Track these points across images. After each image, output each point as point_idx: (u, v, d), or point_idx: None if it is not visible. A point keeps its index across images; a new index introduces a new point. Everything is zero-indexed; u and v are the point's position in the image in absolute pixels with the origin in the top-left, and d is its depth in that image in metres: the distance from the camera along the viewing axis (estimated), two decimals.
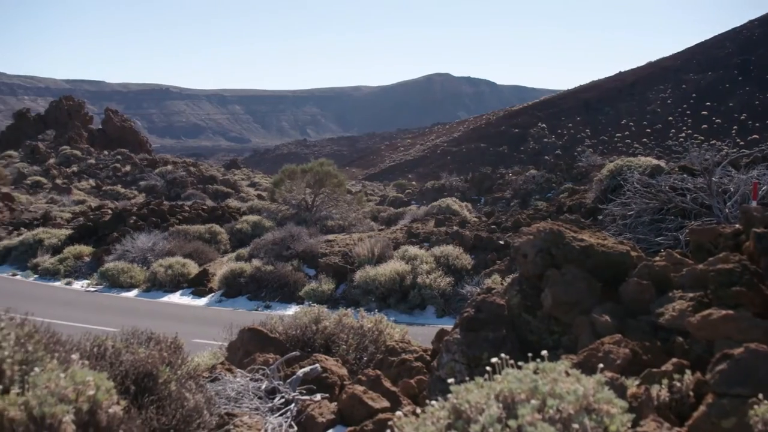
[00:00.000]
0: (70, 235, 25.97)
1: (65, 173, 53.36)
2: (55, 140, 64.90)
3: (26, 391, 3.13)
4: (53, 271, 22.71)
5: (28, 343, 3.48)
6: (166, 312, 16.77)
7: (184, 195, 46.68)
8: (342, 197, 28.88)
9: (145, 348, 4.16)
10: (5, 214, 31.79)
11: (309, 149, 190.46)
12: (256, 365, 5.14)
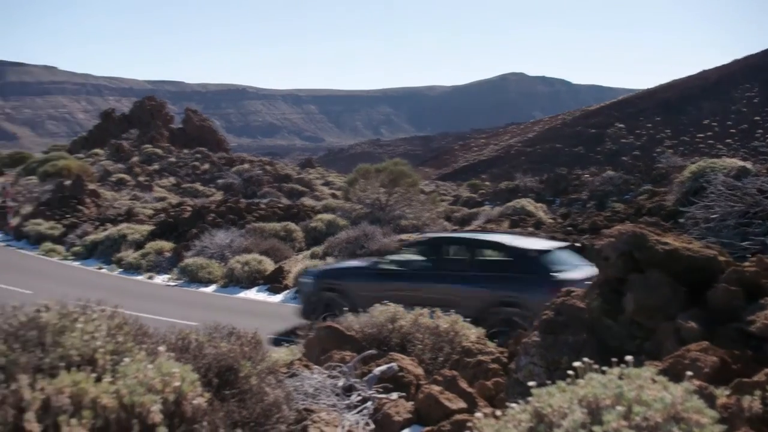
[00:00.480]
0: (152, 231, 26.79)
1: (147, 171, 55.07)
2: (138, 139, 67.06)
3: (117, 380, 3.25)
4: (136, 265, 23.48)
5: (118, 334, 3.62)
6: (242, 307, 17.13)
7: (260, 193, 47.55)
8: (415, 197, 28.88)
9: (226, 342, 4.26)
10: (92, 210, 33.07)
11: (382, 149, 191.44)
12: (333, 362, 5.21)
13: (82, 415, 2.96)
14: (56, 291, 12.28)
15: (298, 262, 21.28)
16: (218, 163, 60.14)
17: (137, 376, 3.31)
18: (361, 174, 28.62)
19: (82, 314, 3.66)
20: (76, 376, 3.13)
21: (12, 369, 3.16)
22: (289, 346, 7.96)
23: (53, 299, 3.75)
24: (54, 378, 3.13)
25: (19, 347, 3.33)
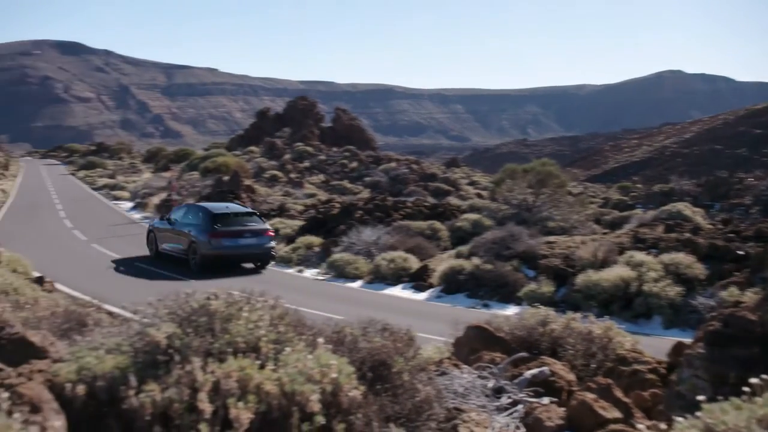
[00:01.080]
0: (302, 226, 27.74)
1: (298, 168, 57.13)
2: (290, 137, 69.69)
3: (279, 369, 3.40)
4: (287, 259, 24.39)
5: (279, 324, 3.78)
6: (387, 304, 17.37)
7: (405, 191, 48.13)
8: (563, 198, 28.19)
9: (380, 337, 4.34)
10: (247, 205, 34.74)
11: (529, 149, 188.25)
12: (483, 363, 5.19)
13: (248, 399, 3.12)
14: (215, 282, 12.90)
15: (443, 261, 21.34)
16: (366, 161, 61.45)
17: (297, 365, 3.44)
18: (508, 174, 28.31)
19: (247, 304, 3.85)
20: (242, 362, 3.30)
21: (186, 352, 3.37)
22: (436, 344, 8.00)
23: (220, 289, 3.97)
24: (222, 362, 3.31)
25: (192, 332, 3.56)
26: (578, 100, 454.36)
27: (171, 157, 67.47)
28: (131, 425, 3.12)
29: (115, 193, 49.31)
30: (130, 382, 3.15)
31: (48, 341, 3.81)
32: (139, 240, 29.03)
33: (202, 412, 3.00)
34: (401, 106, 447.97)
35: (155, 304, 3.93)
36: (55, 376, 3.36)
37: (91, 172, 66.38)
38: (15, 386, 2.93)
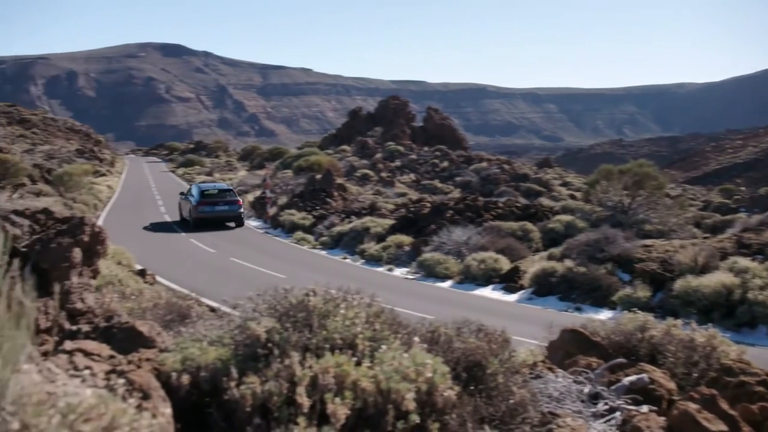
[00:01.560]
0: (393, 225, 27.89)
1: (389, 167, 57.46)
2: (382, 136, 70.14)
3: (375, 366, 3.42)
4: (377, 257, 24.59)
5: (375, 322, 3.81)
6: (477, 305, 17.26)
7: (496, 192, 47.72)
8: (661, 201, 27.27)
9: (475, 338, 4.32)
10: (339, 203, 35.19)
11: (625, 149, 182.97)
12: (579, 368, 5.08)
13: (344, 395, 3.16)
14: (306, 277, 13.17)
15: (535, 262, 21.04)
16: (457, 161, 61.20)
17: (393, 363, 3.45)
18: (603, 175, 27.61)
19: (344, 301, 3.90)
20: (339, 358, 3.34)
21: (284, 346, 3.44)
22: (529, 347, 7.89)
23: (317, 286, 4.04)
24: (320, 358, 3.36)
25: (290, 327, 3.63)
26: (678, 98, 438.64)
27: (265, 155, 69.16)
28: (232, 415, 3.21)
29: None
30: (231, 374, 3.24)
31: (155, 331, 3.98)
32: (234, 235, 29.88)
33: (300, 406, 3.06)
34: (493, 106, 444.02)
35: (255, 299, 4.04)
36: (162, 365, 3.50)
37: (190, 169, 68.74)
38: (126, 373, 3.07)
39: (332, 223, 30.47)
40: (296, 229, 31.14)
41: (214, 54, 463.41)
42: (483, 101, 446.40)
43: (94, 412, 2.04)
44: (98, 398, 2.09)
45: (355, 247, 26.58)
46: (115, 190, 48.09)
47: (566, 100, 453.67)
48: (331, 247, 28.07)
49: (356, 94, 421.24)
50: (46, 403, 2.00)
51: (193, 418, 3.31)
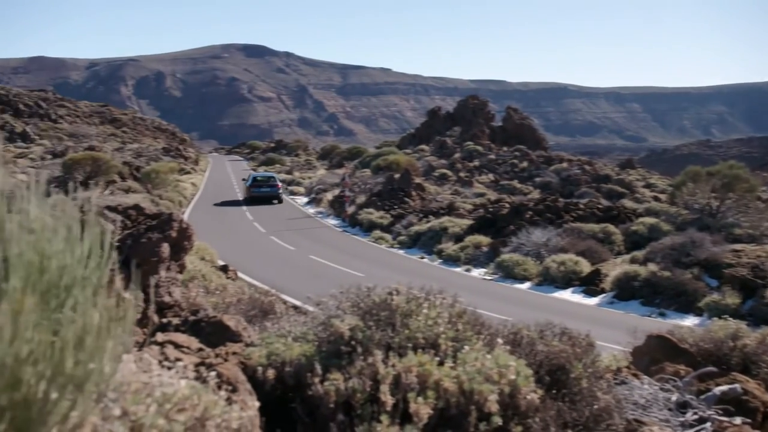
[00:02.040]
0: (471, 225, 27.71)
1: (468, 167, 57.12)
2: (460, 136, 69.80)
3: (457, 366, 3.41)
4: (455, 257, 24.49)
5: (458, 322, 3.79)
6: (556, 307, 16.98)
7: (577, 193, 46.81)
8: (752, 204, 26.17)
9: (558, 341, 4.25)
10: (417, 203, 35.21)
11: (713, 150, 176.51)
12: (665, 375, 4.93)
13: (427, 394, 3.16)
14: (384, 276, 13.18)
15: (617, 265, 20.56)
16: (536, 161, 60.34)
17: (476, 364, 3.43)
18: (690, 177, 26.71)
19: (426, 300, 3.90)
20: (422, 357, 3.35)
21: (367, 344, 3.47)
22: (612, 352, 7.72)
23: (400, 285, 4.05)
24: (403, 357, 3.37)
25: (373, 325, 3.65)
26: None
27: (344, 154, 69.81)
28: (316, 411, 3.26)
29: (291, 188, 51.76)
30: (315, 370, 3.29)
31: (241, 326, 4.07)
32: (313, 234, 30.30)
33: (383, 404, 3.07)
34: (574, 105, 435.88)
35: (338, 297, 4.08)
36: (248, 359, 3.57)
37: (270, 168, 70.02)
38: (214, 366, 3.16)
39: (410, 223, 30.51)
40: (374, 228, 31.32)
41: (295, 54, 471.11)
42: (564, 101, 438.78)
43: (187, 402, 2.10)
44: (191, 389, 2.15)
45: (432, 247, 26.54)
46: (199, 188, 49.45)
47: (651, 99, 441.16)
48: (408, 247, 28.11)
49: (435, 93, 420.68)
50: (142, 392, 2.08)
51: (278, 413, 3.36)
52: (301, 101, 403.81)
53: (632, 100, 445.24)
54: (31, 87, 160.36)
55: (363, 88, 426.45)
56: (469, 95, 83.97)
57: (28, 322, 1.45)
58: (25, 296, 1.46)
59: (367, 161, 56.50)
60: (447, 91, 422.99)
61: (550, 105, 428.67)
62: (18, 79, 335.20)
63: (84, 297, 1.62)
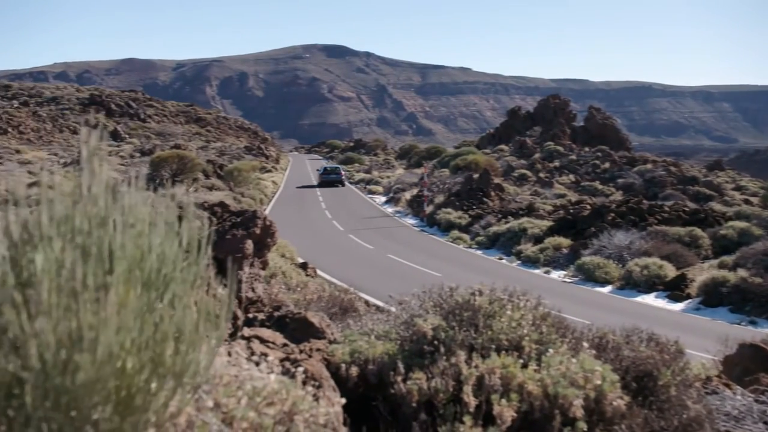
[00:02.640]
0: (551, 227, 27.27)
1: (548, 167, 56.24)
2: (540, 136, 68.80)
3: (541, 370, 3.36)
4: (534, 259, 24.15)
5: (542, 325, 3.73)
6: (639, 312, 16.51)
7: (661, 195, 45.45)
8: None
9: (645, 347, 4.13)
10: (496, 203, 34.90)
11: None
12: (761, 386, 4.72)
13: (511, 397, 3.12)
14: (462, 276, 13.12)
15: (704, 270, 19.86)
16: (619, 162, 58.88)
17: (560, 368, 3.37)
18: None
19: (509, 302, 3.86)
20: (505, 359, 3.31)
21: (450, 344, 3.46)
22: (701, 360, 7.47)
23: (484, 285, 4.01)
24: (486, 358, 3.34)
25: (456, 325, 3.63)
26: None
27: (423, 154, 69.82)
28: (398, 410, 3.27)
29: (370, 187, 52.14)
30: (398, 369, 3.29)
31: (325, 323, 4.11)
32: (391, 233, 30.43)
33: (466, 405, 3.05)
34: (659, 105, 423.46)
35: (421, 296, 4.08)
36: (331, 356, 3.61)
37: (349, 167, 70.72)
38: (299, 361, 3.20)
39: (488, 223, 30.27)
40: (452, 228, 31.21)
41: (375, 54, 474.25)
42: (648, 100, 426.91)
43: (276, 396, 2.13)
44: (280, 384, 2.19)
45: (511, 248, 26.26)
46: (279, 186, 50.37)
47: (742, 97, 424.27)
48: (486, 247, 27.89)
49: (515, 93, 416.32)
50: (233, 384, 2.12)
51: (360, 410, 3.39)
52: (380, 101, 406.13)
53: (722, 98, 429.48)
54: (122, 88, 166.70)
55: (442, 88, 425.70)
56: (550, 95, 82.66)
57: (131, 313, 1.51)
58: (128, 288, 1.52)
59: (445, 161, 56.39)
60: (527, 90, 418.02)
61: (633, 104, 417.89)
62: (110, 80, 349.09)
63: (182, 290, 1.67)
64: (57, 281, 1.41)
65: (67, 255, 1.44)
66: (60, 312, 1.38)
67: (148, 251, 1.61)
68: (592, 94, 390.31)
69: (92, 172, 1.54)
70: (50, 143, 75.37)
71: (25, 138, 75.21)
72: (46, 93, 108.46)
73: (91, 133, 1.55)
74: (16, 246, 1.46)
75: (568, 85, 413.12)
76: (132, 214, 1.59)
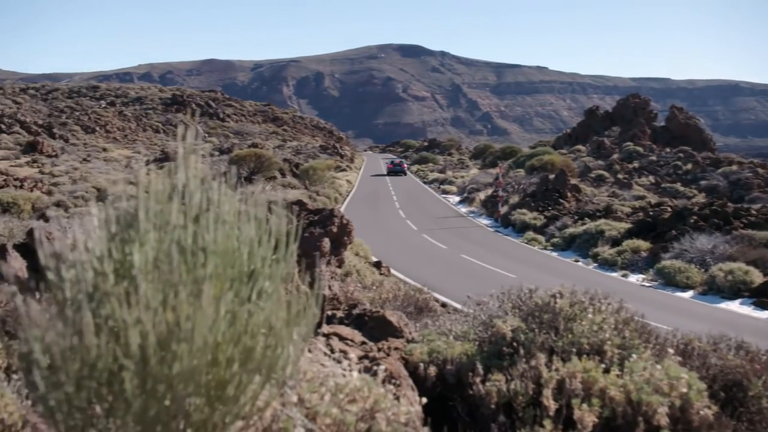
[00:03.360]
0: (629, 229, 26.60)
1: (627, 168, 54.93)
2: (619, 136, 67.25)
3: (624, 375, 3.27)
4: (611, 261, 23.61)
5: (625, 329, 3.64)
6: (722, 319, 15.92)
7: (748, 197, 43.80)
8: None
9: (734, 356, 3.98)
10: (572, 204, 34.28)
11: None
12: None
13: (592, 402, 3.05)
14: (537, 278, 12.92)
15: None
16: (702, 163, 57.00)
17: (644, 374, 3.28)
18: None
19: (590, 305, 3.78)
20: (586, 363, 3.24)
21: (530, 346, 3.41)
22: None
23: (563, 287, 3.94)
24: (566, 362, 3.28)
25: (536, 327, 3.58)
26: None
27: (497, 154, 69.26)
28: (476, 411, 3.24)
29: (444, 187, 52.02)
30: (477, 370, 3.26)
31: (403, 322, 4.12)
32: (464, 233, 30.29)
33: (546, 409, 3.01)
34: (746, 104, 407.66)
35: (500, 297, 4.04)
36: (409, 355, 3.61)
37: (423, 166, 70.71)
38: (377, 360, 3.21)
39: (564, 224, 29.76)
40: (527, 229, 30.83)
41: (451, 53, 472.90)
42: (734, 99, 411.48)
43: (358, 394, 2.15)
44: (362, 381, 2.20)
45: (587, 250, 25.74)
46: (354, 185, 50.75)
47: None
48: (562, 249, 27.44)
49: (593, 92, 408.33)
50: (316, 380, 2.15)
51: (438, 410, 3.38)
52: (455, 100, 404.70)
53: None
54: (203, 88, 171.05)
55: (518, 87, 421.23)
56: (629, 94, 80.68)
57: (223, 307, 1.54)
58: (220, 282, 1.55)
59: (521, 161, 55.75)
60: (606, 89, 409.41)
61: (718, 103, 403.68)
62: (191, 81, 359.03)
63: (271, 286, 1.70)
64: (154, 274, 1.46)
65: (163, 249, 1.49)
66: (158, 303, 1.42)
67: (238, 246, 1.64)
68: (674, 93, 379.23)
69: (188, 169, 1.58)
70: (134, 142, 78.10)
71: (111, 137, 78.16)
72: (131, 93, 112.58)
73: (187, 131, 1.60)
74: (115, 240, 1.52)
75: (648, 84, 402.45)
76: (223, 210, 1.63)
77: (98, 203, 1.62)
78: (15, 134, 63.36)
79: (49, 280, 1.46)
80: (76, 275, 1.45)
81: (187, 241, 1.52)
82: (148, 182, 1.54)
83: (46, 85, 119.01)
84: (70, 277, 1.44)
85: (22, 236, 9.17)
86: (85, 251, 1.47)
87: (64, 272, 1.44)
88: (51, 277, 1.46)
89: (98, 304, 1.43)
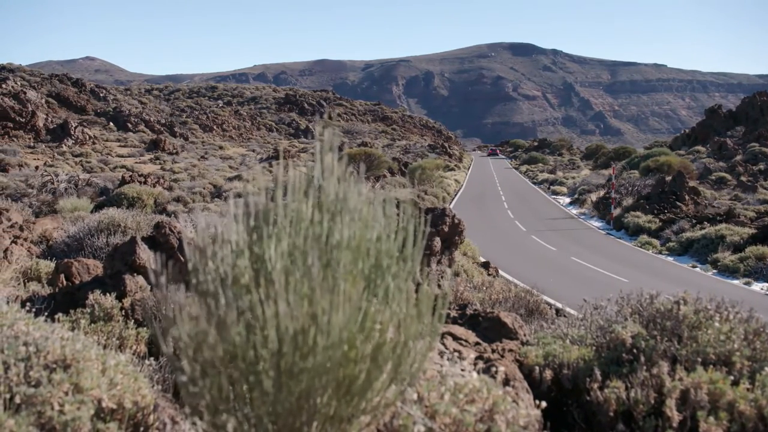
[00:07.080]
0: (753, 235, 25.23)
1: (751, 171, 52.11)
2: (743, 137, 63.89)
3: (755, 389, 3.11)
4: (732, 268, 22.48)
5: (756, 340, 3.46)
6: None
7: None
8: None
9: None
10: (690, 208, 32.86)
11: None
12: None
13: (719, 415, 2.91)
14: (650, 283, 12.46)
15: None
16: None
17: None
18: None
19: (717, 313, 3.61)
20: (713, 374, 3.09)
21: (651, 354, 3.29)
22: None
23: (688, 294, 3.78)
24: (690, 372, 3.15)
25: (657, 334, 3.46)
26: None
27: (610, 154, 67.22)
28: (593, 418, 3.16)
29: (554, 188, 51.02)
30: (595, 375, 3.18)
31: (517, 324, 4.07)
32: (574, 235, 29.60)
33: (669, 420, 2.90)
34: None
35: (619, 302, 3.92)
36: (524, 357, 3.56)
37: (533, 166, 69.60)
38: (492, 361, 3.19)
39: (681, 228, 28.56)
40: (640, 232, 29.82)
41: (563, 52, 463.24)
42: None
43: (477, 395, 2.14)
44: (481, 382, 2.19)
45: (706, 256, 24.60)
46: (462, 184, 50.55)
47: None
48: (678, 254, 26.35)
49: (714, 90, 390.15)
50: (435, 379, 2.15)
51: (553, 415, 3.32)
52: (566, 99, 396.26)
53: None
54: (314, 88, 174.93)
55: (633, 86, 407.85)
56: (755, 92, 76.53)
57: (356, 302, 1.57)
58: (353, 278, 1.58)
59: (635, 162, 53.87)
60: (729, 87, 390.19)
61: None
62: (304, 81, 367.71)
63: (402, 283, 1.72)
64: (291, 268, 1.51)
65: (299, 244, 1.54)
66: (294, 297, 1.47)
67: (369, 243, 1.67)
68: None
69: (326, 166, 1.62)
70: (249, 140, 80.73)
71: (228, 135, 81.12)
72: (246, 93, 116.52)
73: (325, 129, 1.64)
74: (253, 235, 1.58)
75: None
76: (357, 207, 1.66)
77: (236, 199, 1.68)
78: (140, 132, 66.95)
79: (192, 272, 1.54)
80: (218, 268, 1.51)
81: (323, 237, 1.56)
82: (286, 179, 1.59)
83: (169, 85, 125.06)
84: (212, 270, 1.51)
85: (147, 230, 9.66)
86: (226, 246, 1.54)
87: (208, 265, 1.51)
88: (195, 269, 1.53)
89: (237, 296, 1.49)
